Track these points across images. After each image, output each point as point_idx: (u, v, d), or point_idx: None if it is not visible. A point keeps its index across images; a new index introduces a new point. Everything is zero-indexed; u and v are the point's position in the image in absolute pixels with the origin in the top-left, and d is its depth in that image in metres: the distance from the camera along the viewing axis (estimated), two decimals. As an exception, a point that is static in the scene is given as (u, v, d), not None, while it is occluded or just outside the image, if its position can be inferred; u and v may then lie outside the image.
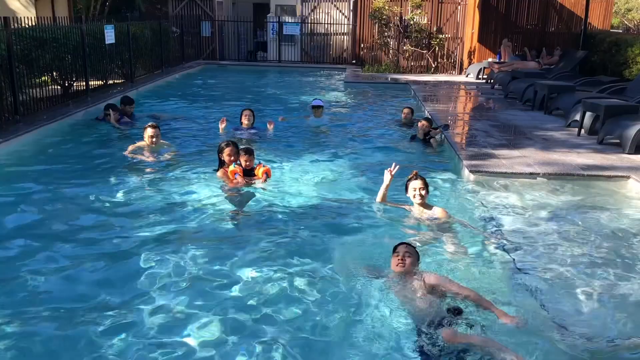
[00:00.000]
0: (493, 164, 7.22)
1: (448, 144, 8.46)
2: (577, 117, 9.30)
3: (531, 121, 10.29)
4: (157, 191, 6.44)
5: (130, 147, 7.90)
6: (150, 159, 7.67)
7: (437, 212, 5.55)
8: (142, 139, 8.00)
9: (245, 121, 9.14)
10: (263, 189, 6.41)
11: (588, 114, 9.03)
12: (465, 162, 7.24)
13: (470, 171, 6.93)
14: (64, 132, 9.17)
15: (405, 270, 4.24)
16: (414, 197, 5.54)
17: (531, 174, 6.87)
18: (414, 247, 4.49)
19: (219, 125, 9.11)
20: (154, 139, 7.83)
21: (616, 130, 8.25)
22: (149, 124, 8.05)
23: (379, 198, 5.90)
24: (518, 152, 7.87)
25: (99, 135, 9.10)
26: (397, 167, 5.85)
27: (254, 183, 6.49)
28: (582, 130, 9.12)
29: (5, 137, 8.05)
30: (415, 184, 5.51)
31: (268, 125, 9.27)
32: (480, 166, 7.08)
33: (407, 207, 5.74)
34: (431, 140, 8.72)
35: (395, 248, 4.44)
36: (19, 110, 9.08)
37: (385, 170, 5.84)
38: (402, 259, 4.26)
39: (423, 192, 5.53)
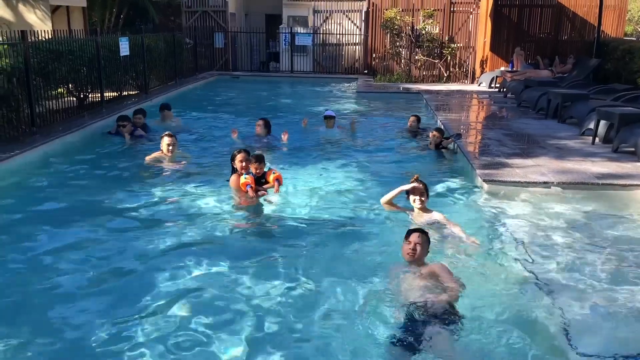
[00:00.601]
0: (507, 173, 7.18)
1: (461, 153, 8.43)
2: (592, 125, 9.24)
3: (545, 130, 10.23)
4: (169, 201, 6.50)
5: (148, 158, 7.98)
6: (167, 168, 7.74)
7: (436, 216, 5.61)
8: (156, 150, 8.08)
9: (258, 130, 9.32)
10: (271, 201, 6.43)
11: (602, 122, 8.97)
12: (478, 172, 7.21)
13: (484, 180, 6.90)
14: (79, 144, 9.27)
15: (416, 259, 4.32)
16: (414, 201, 5.64)
17: (545, 183, 6.83)
18: (426, 235, 4.50)
19: (232, 136, 9.25)
20: (170, 147, 7.90)
21: (631, 138, 8.17)
22: (166, 132, 8.13)
23: (385, 199, 5.90)
24: (532, 161, 7.83)
25: (113, 148, 9.17)
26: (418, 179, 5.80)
27: (266, 194, 6.49)
28: (597, 139, 9.05)
29: (22, 148, 8.15)
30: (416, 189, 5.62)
31: (282, 136, 9.33)
32: (494, 175, 7.05)
33: (406, 212, 5.82)
34: (443, 150, 8.72)
35: (408, 235, 4.43)
36: (36, 122, 9.19)
37: (412, 179, 5.77)
38: (414, 249, 4.31)
39: (423, 197, 5.62)
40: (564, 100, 11.00)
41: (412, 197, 5.67)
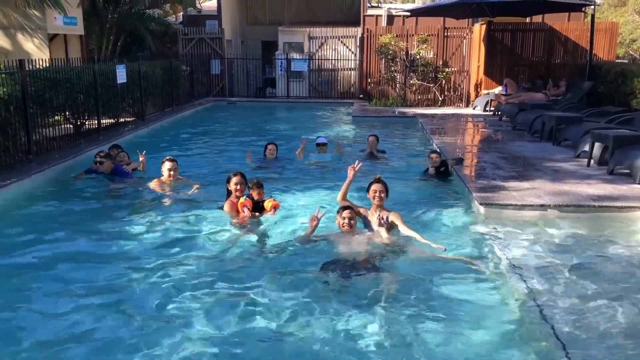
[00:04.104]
0: (503, 196, 7.19)
1: (457, 177, 8.45)
2: (586, 147, 9.29)
3: (540, 152, 10.28)
4: (166, 228, 6.49)
5: (151, 183, 7.94)
6: (167, 194, 7.71)
7: (391, 216, 5.96)
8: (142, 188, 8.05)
9: (270, 154, 9.74)
10: (268, 222, 6.46)
11: (597, 144, 9.02)
12: (475, 195, 7.21)
13: (481, 204, 6.90)
14: (75, 172, 9.22)
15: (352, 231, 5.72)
16: (374, 198, 6.02)
17: (542, 205, 6.83)
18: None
19: (247, 160, 9.53)
20: (172, 172, 7.87)
21: (626, 160, 8.21)
22: (167, 157, 8.09)
23: (340, 196, 6.31)
24: (528, 183, 7.85)
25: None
26: (360, 164, 6.32)
27: (260, 217, 6.52)
28: (592, 161, 9.09)
29: (18, 176, 8.14)
30: (376, 187, 6.03)
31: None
32: (491, 198, 7.05)
33: (363, 210, 6.14)
34: (447, 161, 8.79)
35: (341, 211, 5.76)
36: (32, 150, 9.20)
37: (349, 168, 6.27)
38: (350, 225, 5.71)
39: (383, 195, 6.00)
40: (558, 122, 11.07)
41: (371, 194, 6.02)
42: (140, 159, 8.51)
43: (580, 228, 6.37)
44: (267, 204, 6.59)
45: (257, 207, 6.59)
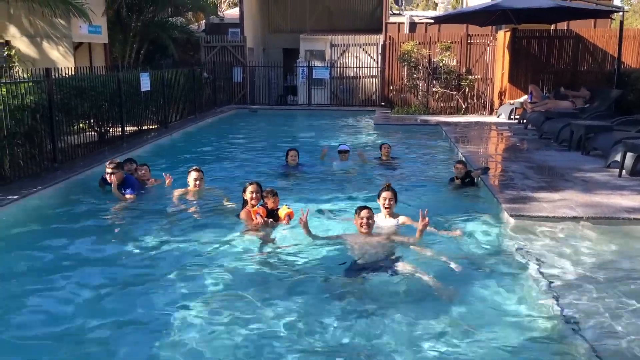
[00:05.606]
0: (534, 207, 7.01)
1: (485, 187, 8.28)
2: (618, 157, 9.05)
3: (569, 162, 10.05)
4: (188, 236, 6.47)
5: (176, 193, 7.89)
6: (193, 204, 7.66)
7: (401, 219, 6.36)
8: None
9: (292, 160, 9.69)
10: (283, 229, 6.43)
11: (629, 154, 8.77)
12: (504, 206, 7.04)
13: (511, 215, 6.73)
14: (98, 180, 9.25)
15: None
16: (383, 205, 6.38)
17: (575, 217, 6.63)
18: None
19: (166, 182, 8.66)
20: (197, 182, 7.84)
21: (660, 171, 7.98)
22: (193, 167, 8.06)
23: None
24: (558, 194, 7.65)
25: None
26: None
27: (275, 225, 6.50)
28: (624, 172, 8.85)
29: (44, 183, 8.19)
30: (386, 194, 6.39)
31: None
32: (521, 210, 6.88)
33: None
34: (472, 173, 8.62)
35: (359, 210, 5.82)
36: (57, 158, 9.26)
37: (384, 185, 6.63)
38: (368, 225, 5.74)
39: (392, 202, 6.38)
40: (587, 131, 10.83)
41: (381, 201, 6.38)
42: (167, 180, 8.04)
43: (614, 241, 6.16)
44: (282, 212, 6.58)
45: (272, 215, 6.61)
